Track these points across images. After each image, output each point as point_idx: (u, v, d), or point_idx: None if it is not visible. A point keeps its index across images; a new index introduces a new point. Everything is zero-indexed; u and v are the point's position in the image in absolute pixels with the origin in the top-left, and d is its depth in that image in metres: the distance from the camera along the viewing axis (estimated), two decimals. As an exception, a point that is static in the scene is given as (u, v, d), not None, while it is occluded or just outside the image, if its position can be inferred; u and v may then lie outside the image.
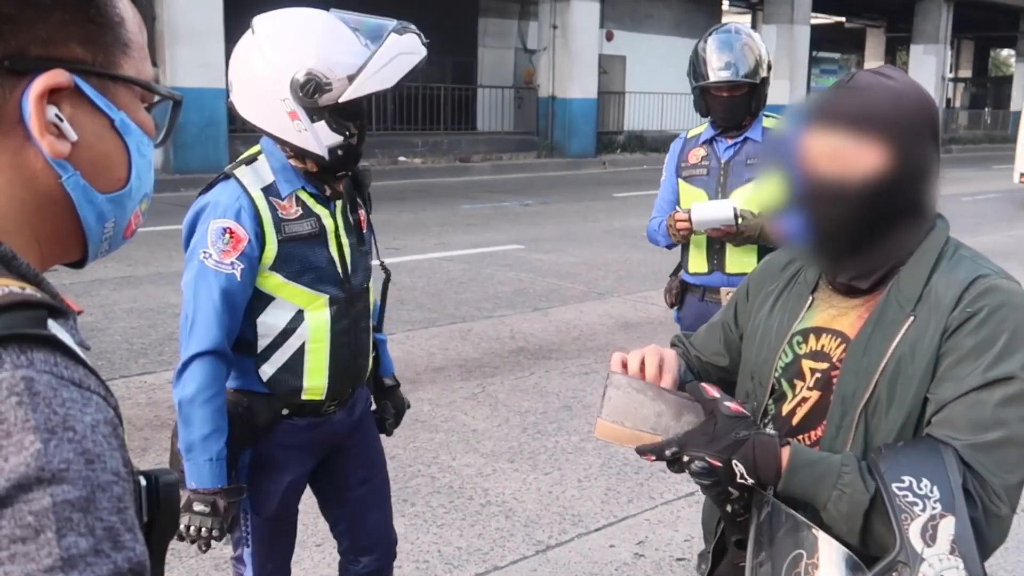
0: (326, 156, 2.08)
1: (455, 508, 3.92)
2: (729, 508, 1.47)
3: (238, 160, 2.16)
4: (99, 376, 0.74)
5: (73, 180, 0.82)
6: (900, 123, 1.39)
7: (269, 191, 2.10)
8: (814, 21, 26.18)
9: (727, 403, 1.41)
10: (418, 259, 9.05)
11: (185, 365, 2.06)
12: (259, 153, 2.15)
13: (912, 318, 1.41)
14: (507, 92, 20.76)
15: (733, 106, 3.28)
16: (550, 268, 8.90)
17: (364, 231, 2.33)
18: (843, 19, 36.01)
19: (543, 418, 5.03)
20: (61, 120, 0.79)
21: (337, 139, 2.07)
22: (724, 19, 27.44)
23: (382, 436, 2.54)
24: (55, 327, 0.73)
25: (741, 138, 3.33)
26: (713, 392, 1.43)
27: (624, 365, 1.52)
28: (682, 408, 1.45)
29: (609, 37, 21.91)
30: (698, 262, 3.40)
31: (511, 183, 16.34)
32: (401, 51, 2.04)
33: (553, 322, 7.04)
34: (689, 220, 3.23)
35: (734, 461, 1.37)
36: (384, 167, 17.27)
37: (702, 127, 3.47)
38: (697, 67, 3.32)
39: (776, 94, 3.34)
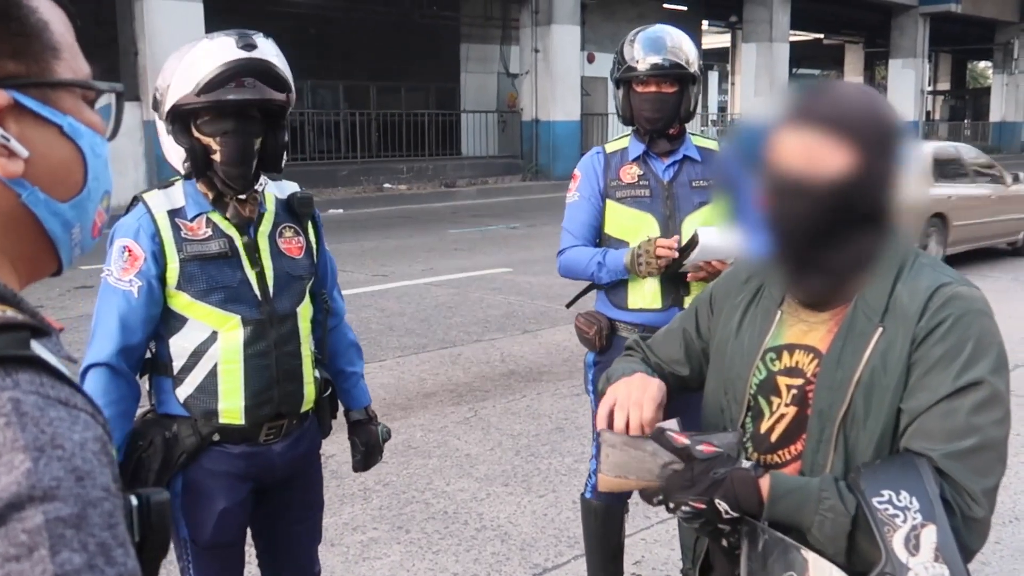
0: (180, 169, 2.10)
1: (450, 534, 3.90)
2: (725, 543, 1.49)
3: (156, 184, 2.23)
4: (86, 394, 0.74)
5: (33, 196, 0.81)
6: (872, 129, 1.41)
7: (177, 213, 2.13)
8: (793, 39, 26.45)
9: (699, 446, 1.44)
10: (406, 285, 9.06)
11: (81, 377, 2.10)
12: (178, 179, 2.19)
13: (881, 329, 1.43)
14: (491, 116, 20.88)
15: (662, 103, 2.89)
16: (539, 290, 8.91)
17: (298, 257, 2.25)
18: (821, 36, 36.39)
19: (536, 440, 5.02)
20: (8, 140, 0.78)
21: (180, 151, 2.07)
22: (704, 38, 27.69)
23: (369, 463, 2.52)
24: (38, 347, 0.73)
25: (679, 156, 2.97)
26: (682, 439, 1.46)
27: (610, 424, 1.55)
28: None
29: (591, 59, 22.09)
30: (645, 296, 2.93)
31: (497, 207, 16.39)
32: (205, 55, 1.98)
33: (543, 344, 7.05)
34: (678, 250, 2.79)
35: (716, 500, 1.40)
36: (369, 194, 17.30)
37: (621, 142, 3.06)
38: (622, 62, 2.94)
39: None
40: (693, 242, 2.76)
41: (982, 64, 47.11)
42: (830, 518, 1.36)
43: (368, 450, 2.51)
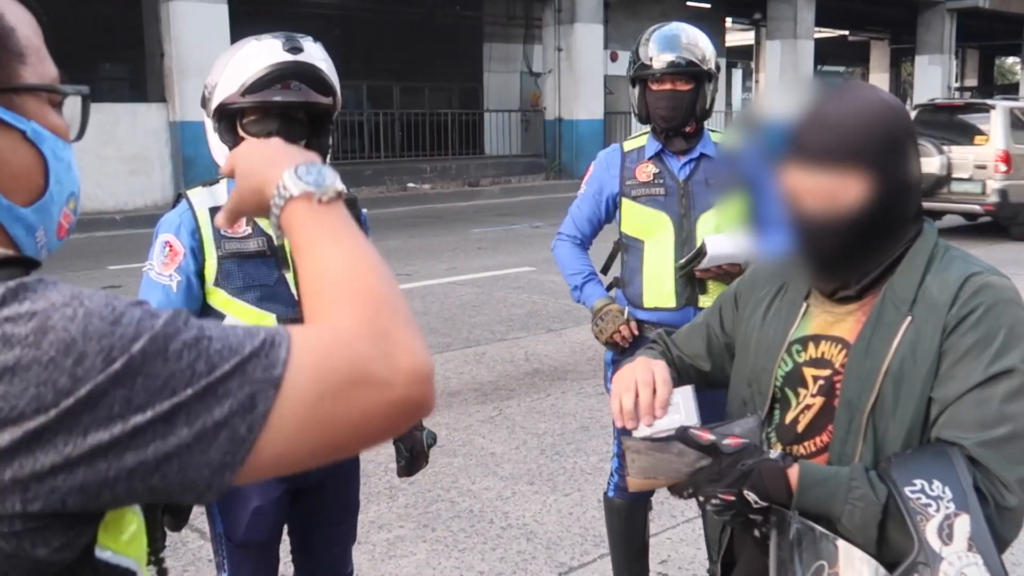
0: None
1: (476, 532, 3.91)
2: (757, 533, 1.49)
3: (201, 182, 2.26)
4: None
5: None
6: (877, 147, 1.40)
7: (218, 210, 2.13)
8: (818, 35, 26.24)
9: (725, 440, 1.45)
10: (430, 284, 9.07)
11: None
12: (223, 177, 2.20)
13: (910, 318, 1.43)
14: (514, 116, 20.85)
15: (677, 102, 2.88)
16: (562, 289, 8.86)
17: None
18: (847, 32, 36.10)
19: (561, 439, 5.02)
20: None
21: (225, 149, 2.10)
22: (727, 36, 27.56)
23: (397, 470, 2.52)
24: None
25: (696, 154, 2.95)
26: (707, 435, 1.46)
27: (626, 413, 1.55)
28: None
29: (614, 58, 22.01)
30: (660, 295, 2.97)
31: (520, 206, 16.39)
32: (252, 56, 2.01)
33: (567, 343, 7.04)
34: (687, 260, 2.87)
35: (745, 492, 1.41)
36: (393, 194, 17.35)
37: (640, 139, 3.07)
38: (637, 61, 2.95)
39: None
40: (701, 252, 2.79)
41: (1010, 60, 46.57)
42: (860, 507, 1.36)
43: (413, 456, 2.48)
